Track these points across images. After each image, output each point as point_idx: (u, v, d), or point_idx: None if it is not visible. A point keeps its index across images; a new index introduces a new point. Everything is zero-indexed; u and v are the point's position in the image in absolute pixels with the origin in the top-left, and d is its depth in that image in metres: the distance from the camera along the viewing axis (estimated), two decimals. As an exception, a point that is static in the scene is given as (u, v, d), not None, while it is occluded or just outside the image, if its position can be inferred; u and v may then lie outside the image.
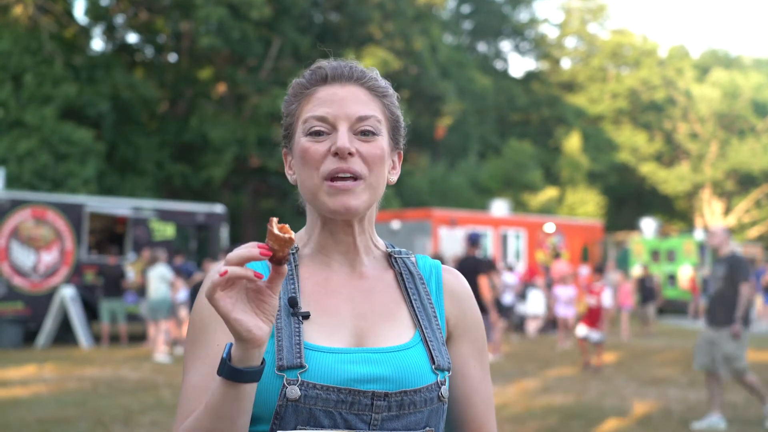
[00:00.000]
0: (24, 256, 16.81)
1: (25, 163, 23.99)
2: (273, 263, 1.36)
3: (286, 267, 1.37)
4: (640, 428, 8.77)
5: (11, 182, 22.35)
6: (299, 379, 1.48)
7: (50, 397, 10.39)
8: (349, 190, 1.56)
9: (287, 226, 1.37)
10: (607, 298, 14.75)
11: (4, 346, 16.17)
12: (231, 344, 1.40)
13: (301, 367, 1.50)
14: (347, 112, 1.58)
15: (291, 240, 1.35)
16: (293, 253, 1.66)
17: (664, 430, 8.69)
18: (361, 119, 1.59)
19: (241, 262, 1.34)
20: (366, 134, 1.59)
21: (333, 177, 1.56)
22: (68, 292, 16.74)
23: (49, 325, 16.62)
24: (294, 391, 1.48)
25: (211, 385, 1.48)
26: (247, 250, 1.33)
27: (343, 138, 1.56)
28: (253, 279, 1.34)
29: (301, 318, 1.56)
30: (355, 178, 1.57)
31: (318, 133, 1.58)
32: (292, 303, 1.54)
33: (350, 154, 1.56)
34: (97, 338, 17.39)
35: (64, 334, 16.95)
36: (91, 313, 17.52)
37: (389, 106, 1.66)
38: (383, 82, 1.66)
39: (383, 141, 1.62)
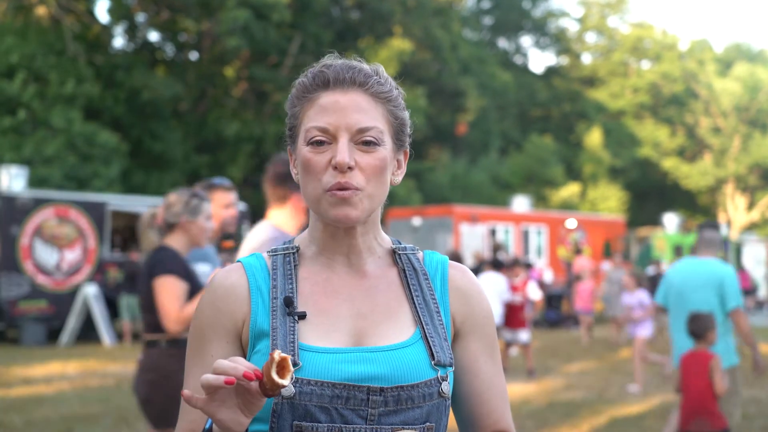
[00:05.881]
0: (47, 255, 16.92)
1: (53, 165, 24.04)
2: (261, 391, 1.40)
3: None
4: (662, 423, 8.72)
5: (39, 185, 22.39)
6: (293, 377, 1.48)
7: (74, 395, 10.47)
8: (349, 199, 1.56)
9: (289, 359, 1.38)
10: (534, 292, 13.36)
11: (28, 344, 16.30)
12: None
13: (295, 365, 1.51)
14: (348, 122, 1.57)
15: (283, 387, 1.37)
16: (293, 253, 1.67)
17: (688, 426, 8.64)
18: (362, 131, 1.57)
19: (230, 375, 1.37)
20: (367, 144, 1.58)
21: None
22: (91, 290, 16.83)
23: (72, 322, 16.73)
24: (288, 389, 1.49)
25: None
26: (233, 369, 1.37)
27: (343, 152, 1.55)
28: (249, 386, 1.38)
29: (296, 318, 1.56)
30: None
31: (319, 143, 1.58)
32: (288, 302, 1.55)
33: (350, 168, 1.56)
34: (119, 335, 17.50)
35: (87, 332, 17.06)
36: (113, 310, 17.62)
37: (392, 111, 1.63)
38: (387, 86, 1.63)
39: (384, 150, 1.60)
